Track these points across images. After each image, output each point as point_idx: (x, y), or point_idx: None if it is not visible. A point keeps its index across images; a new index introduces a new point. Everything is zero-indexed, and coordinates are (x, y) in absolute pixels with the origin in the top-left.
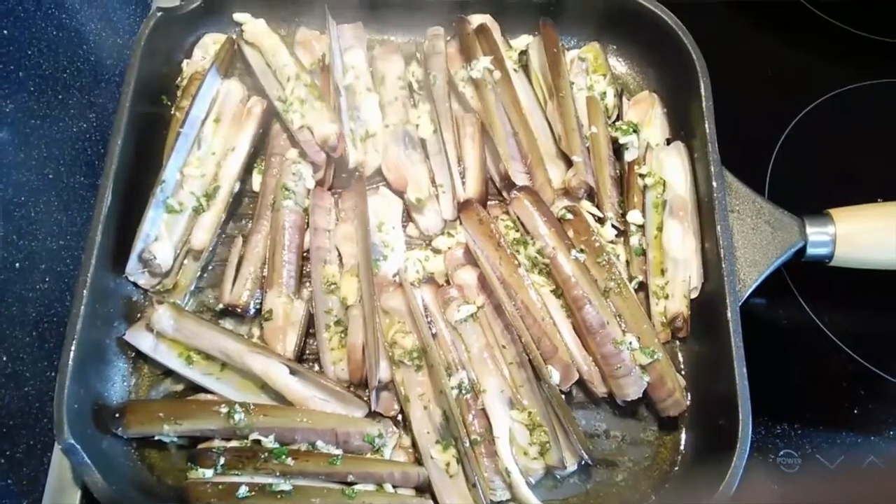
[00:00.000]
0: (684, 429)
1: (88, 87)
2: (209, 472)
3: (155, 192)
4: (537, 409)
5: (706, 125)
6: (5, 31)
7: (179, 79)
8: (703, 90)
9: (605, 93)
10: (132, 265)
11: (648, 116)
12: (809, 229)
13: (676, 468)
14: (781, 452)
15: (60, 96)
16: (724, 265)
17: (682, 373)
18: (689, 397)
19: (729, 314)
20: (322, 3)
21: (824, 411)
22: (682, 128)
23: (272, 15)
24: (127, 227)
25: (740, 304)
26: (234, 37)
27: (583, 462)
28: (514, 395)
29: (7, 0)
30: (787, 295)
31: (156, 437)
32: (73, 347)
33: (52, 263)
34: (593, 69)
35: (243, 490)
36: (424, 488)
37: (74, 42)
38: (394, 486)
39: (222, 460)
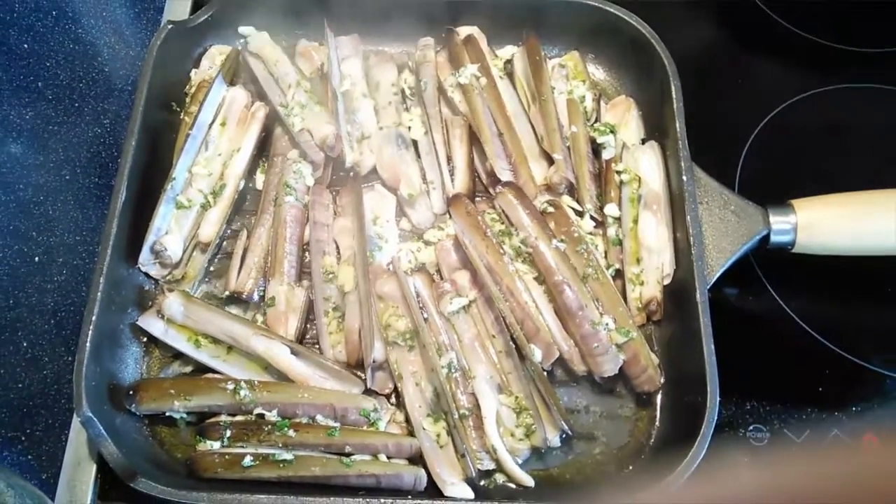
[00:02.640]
0: (659, 405)
1: (102, 95)
2: (216, 445)
3: (166, 188)
4: (524, 394)
5: (677, 124)
6: (26, 46)
7: (188, 87)
8: (674, 93)
9: (584, 97)
10: (144, 255)
11: (625, 119)
12: (772, 218)
13: (652, 441)
14: (751, 427)
15: (77, 104)
16: (693, 251)
17: (656, 352)
18: (663, 376)
19: (698, 296)
20: (321, 17)
21: (791, 390)
22: (655, 129)
23: (274, 28)
24: (139, 221)
25: (708, 286)
26: (239, 48)
27: (563, 435)
28: (502, 381)
29: (28, 17)
30: (757, 284)
31: (166, 413)
32: (90, 329)
33: (69, 257)
34: (573, 75)
35: (248, 459)
36: (416, 459)
37: (90, 54)
38: (388, 457)
39: (229, 433)
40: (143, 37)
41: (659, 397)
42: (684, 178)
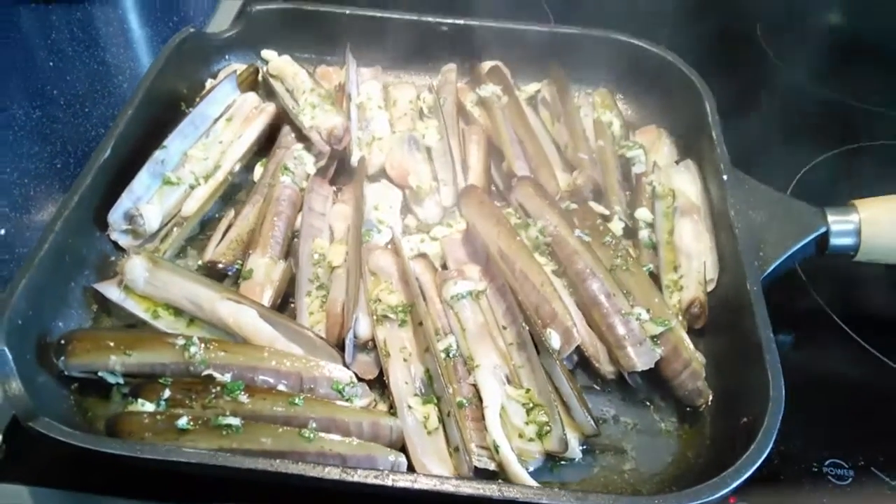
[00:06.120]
0: (708, 421)
1: (115, 104)
2: (150, 406)
3: (153, 156)
4: (537, 389)
5: (713, 133)
6: (51, 63)
7: (202, 94)
8: (707, 106)
9: (611, 122)
10: (116, 215)
11: (656, 145)
12: (831, 217)
13: (700, 460)
14: (827, 462)
15: (87, 109)
16: (738, 243)
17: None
18: (711, 394)
19: (749, 285)
20: (343, 46)
21: (876, 422)
22: (690, 152)
23: (296, 54)
24: (120, 190)
25: (762, 277)
26: (261, 68)
27: (584, 445)
28: (511, 373)
29: (62, 42)
30: (821, 315)
31: (99, 374)
32: (33, 265)
33: (37, 234)
34: (601, 106)
35: (184, 421)
36: (397, 448)
37: (112, 73)
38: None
39: (167, 393)
40: None
41: (707, 413)
42: (725, 177)
